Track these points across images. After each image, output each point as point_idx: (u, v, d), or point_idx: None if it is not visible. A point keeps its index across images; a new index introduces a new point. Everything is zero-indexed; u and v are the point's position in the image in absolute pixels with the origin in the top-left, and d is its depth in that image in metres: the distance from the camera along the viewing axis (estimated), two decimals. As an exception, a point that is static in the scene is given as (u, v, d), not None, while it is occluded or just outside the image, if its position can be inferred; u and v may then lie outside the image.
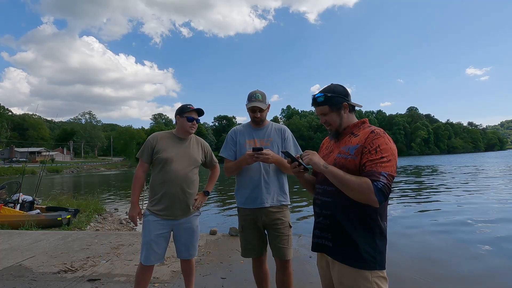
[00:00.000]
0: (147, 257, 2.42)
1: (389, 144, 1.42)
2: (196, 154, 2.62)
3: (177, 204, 2.47)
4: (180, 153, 2.54)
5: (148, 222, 2.46)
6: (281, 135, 2.45)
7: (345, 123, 1.59)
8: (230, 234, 5.36)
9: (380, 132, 1.46)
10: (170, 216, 2.47)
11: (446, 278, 3.88)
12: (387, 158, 1.38)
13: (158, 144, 2.53)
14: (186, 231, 2.54)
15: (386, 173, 1.35)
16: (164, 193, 2.46)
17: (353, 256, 1.43)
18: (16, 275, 3.50)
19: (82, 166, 60.89)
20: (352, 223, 1.45)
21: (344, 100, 1.56)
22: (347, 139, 1.56)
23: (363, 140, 1.45)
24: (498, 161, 41.74)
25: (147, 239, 2.43)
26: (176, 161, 2.49)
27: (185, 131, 2.57)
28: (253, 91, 2.42)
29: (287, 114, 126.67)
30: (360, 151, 1.44)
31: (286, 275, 2.36)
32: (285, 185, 2.44)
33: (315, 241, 1.60)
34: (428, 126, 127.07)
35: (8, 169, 40.07)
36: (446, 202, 10.32)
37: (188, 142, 2.63)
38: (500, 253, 4.96)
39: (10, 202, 7.10)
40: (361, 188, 1.34)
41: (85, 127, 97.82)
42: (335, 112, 1.57)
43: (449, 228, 6.81)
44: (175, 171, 2.47)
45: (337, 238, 1.49)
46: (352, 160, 1.45)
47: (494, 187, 13.94)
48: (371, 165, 1.38)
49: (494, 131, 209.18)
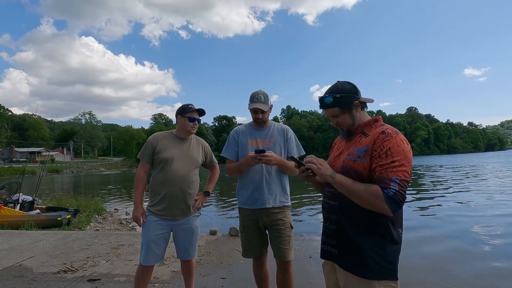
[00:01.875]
0: (146, 257, 2.41)
1: (402, 146, 1.31)
2: (196, 154, 2.60)
3: (177, 205, 2.45)
4: (181, 153, 2.51)
5: (148, 222, 2.44)
6: (284, 135, 2.43)
7: (357, 122, 1.47)
8: (230, 234, 5.35)
9: (391, 132, 1.35)
10: (170, 216, 2.45)
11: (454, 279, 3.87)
12: (399, 162, 1.27)
13: (159, 144, 2.51)
14: (186, 231, 2.52)
15: (398, 179, 1.25)
16: (164, 193, 2.44)
17: (358, 264, 1.35)
18: (16, 275, 3.50)
19: (82, 166, 60.81)
20: (359, 229, 1.36)
21: (354, 99, 1.44)
22: (357, 139, 1.45)
23: (373, 142, 1.35)
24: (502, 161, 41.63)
25: (147, 239, 2.42)
26: (177, 161, 2.47)
27: (186, 131, 2.55)
28: (255, 92, 2.39)
29: (287, 114, 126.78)
30: (370, 153, 1.34)
31: (286, 275, 2.35)
32: (286, 186, 2.43)
33: (322, 247, 1.52)
34: (428, 126, 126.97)
35: (8, 169, 40.02)
36: (471, 203, 10.18)
37: (189, 142, 2.60)
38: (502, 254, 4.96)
39: (10, 202, 7.10)
40: (370, 198, 1.27)
41: (85, 127, 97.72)
42: (346, 113, 1.45)
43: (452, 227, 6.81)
44: (176, 171, 2.45)
45: (342, 245, 1.41)
46: (361, 163, 1.35)
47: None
48: (381, 170, 1.28)
49: (494, 131, 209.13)
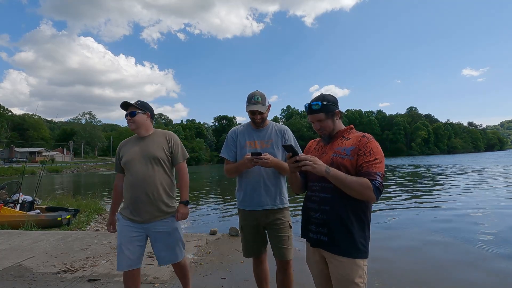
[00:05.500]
0: (119, 262, 2.32)
1: (379, 147, 1.64)
2: (155, 149, 2.39)
3: (143, 208, 2.33)
4: (138, 153, 2.38)
5: (120, 226, 2.39)
6: (282, 136, 2.43)
7: (337, 128, 1.77)
8: (230, 234, 5.36)
9: (370, 137, 1.67)
10: (139, 219, 2.34)
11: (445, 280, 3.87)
12: (379, 160, 1.59)
13: (121, 150, 2.48)
14: (162, 234, 2.38)
15: (380, 173, 1.56)
16: (129, 197, 2.36)
17: (351, 247, 1.60)
18: (16, 275, 3.50)
19: (82, 166, 60.77)
20: (349, 217, 1.61)
21: (336, 108, 1.75)
22: (339, 141, 1.74)
23: (357, 143, 1.64)
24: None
25: (119, 243, 2.34)
26: (135, 163, 2.35)
27: (131, 129, 2.44)
28: (252, 93, 2.37)
29: (287, 114, 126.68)
30: (356, 152, 1.62)
31: (286, 275, 2.36)
32: (284, 187, 2.43)
33: (312, 237, 1.72)
34: (428, 126, 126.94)
35: (8, 169, 40.05)
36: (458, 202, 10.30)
37: (148, 139, 2.44)
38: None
39: (10, 202, 7.10)
40: (362, 188, 1.53)
41: (85, 127, 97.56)
42: (330, 118, 1.74)
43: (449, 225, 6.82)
44: (136, 174, 2.34)
45: (334, 232, 1.62)
46: (349, 160, 1.63)
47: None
48: (367, 166, 1.57)
49: (494, 131, 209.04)
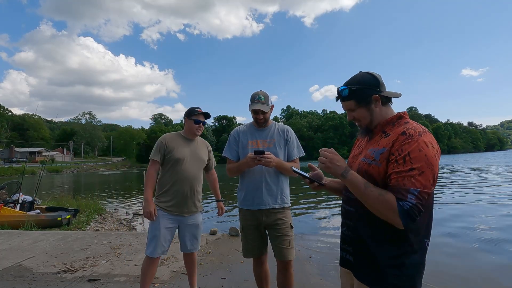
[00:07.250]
0: (154, 249, 2.54)
1: (424, 150, 1.12)
2: (203, 155, 2.79)
3: (186, 202, 2.62)
4: (190, 154, 2.69)
5: (158, 216, 2.58)
6: (284, 136, 2.43)
7: (377, 119, 1.30)
8: (230, 234, 5.35)
9: (413, 133, 1.16)
10: (178, 212, 2.62)
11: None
12: (418, 170, 1.10)
13: (169, 144, 2.66)
14: (192, 226, 2.70)
15: (416, 191, 1.09)
16: (174, 191, 2.60)
17: (373, 276, 1.22)
18: (16, 275, 3.50)
19: (82, 166, 60.82)
20: (375, 239, 1.22)
21: (374, 92, 1.27)
22: (377, 139, 1.28)
23: (391, 144, 1.18)
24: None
25: (156, 232, 2.56)
26: (187, 161, 2.64)
27: (192, 133, 2.72)
28: (255, 93, 2.38)
29: (287, 114, 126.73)
30: (386, 157, 1.18)
31: (287, 275, 2.35)
32: (286, 187, 2.43)
33: (340, 254, 1.40)
34: (428, 126, 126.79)
35: (8, 169, 40.01)
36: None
37: (196, 143, 2.78)
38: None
39: (10, 202, 7.11)
40: (382, 207, 1.12)
41: (85, 127, 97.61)
42: (363, 107, 1.29)
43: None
44: (187, 171, 2.62)
45: (358, 253, 1.29)
46: (376, 167, 1.20)
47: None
48: (397, 178, 1.12)
49: (494, 131, 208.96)
